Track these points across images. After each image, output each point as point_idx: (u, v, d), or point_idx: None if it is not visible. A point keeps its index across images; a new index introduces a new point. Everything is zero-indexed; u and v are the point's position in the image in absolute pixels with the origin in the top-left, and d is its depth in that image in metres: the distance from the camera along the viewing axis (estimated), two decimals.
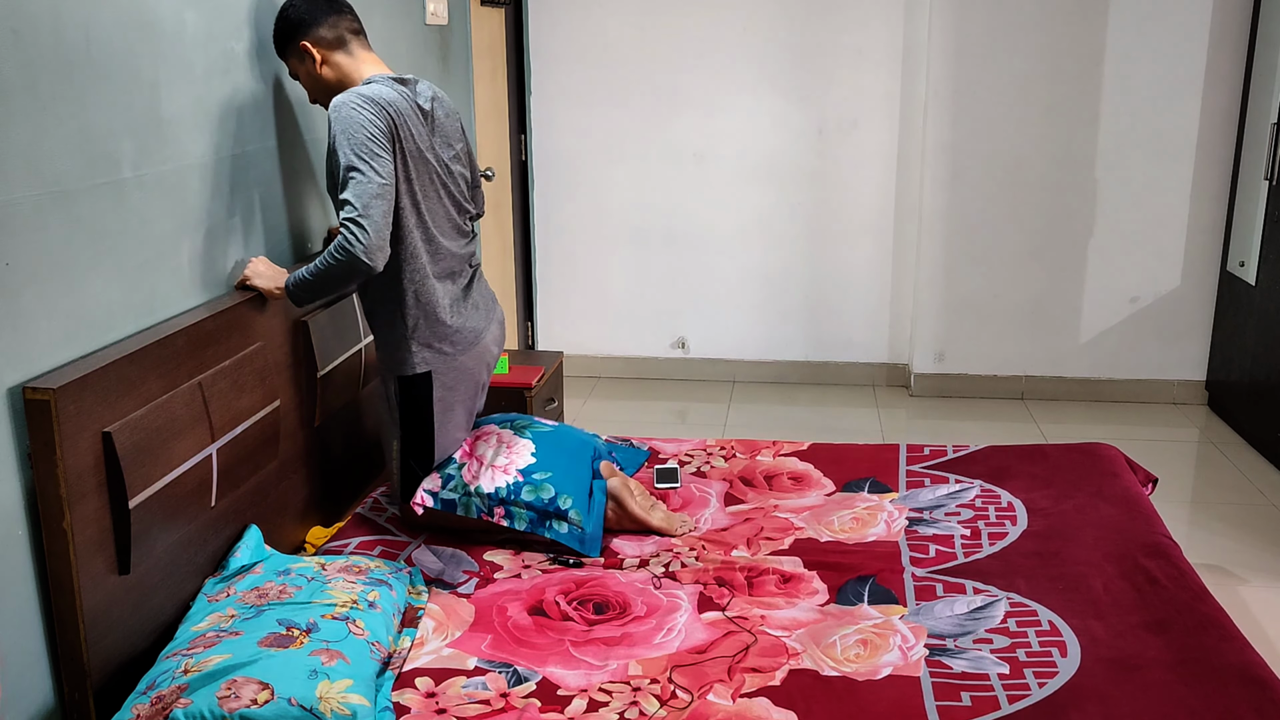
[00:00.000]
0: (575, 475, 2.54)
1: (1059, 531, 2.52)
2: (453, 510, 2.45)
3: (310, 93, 2.53)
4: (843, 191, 4.83)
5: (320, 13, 2.44)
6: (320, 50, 2.44)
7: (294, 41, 2.45)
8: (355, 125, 2.26)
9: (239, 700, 1.70)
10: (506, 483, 2.48)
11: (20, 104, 1.73)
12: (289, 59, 2.50)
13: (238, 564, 2.20)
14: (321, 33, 2.44)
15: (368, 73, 2.46)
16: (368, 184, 2.25)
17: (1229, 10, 4.35)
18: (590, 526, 2.45)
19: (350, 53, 2.47)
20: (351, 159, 2.25)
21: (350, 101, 2.29)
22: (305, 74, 2.49)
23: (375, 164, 2.26)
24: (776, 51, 4.71)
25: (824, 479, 2.89)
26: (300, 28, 2.43)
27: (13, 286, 1.73)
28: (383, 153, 2.28)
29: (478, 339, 2.60)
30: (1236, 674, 1.92)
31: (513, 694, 1.95)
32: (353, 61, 2.47)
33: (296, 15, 2.43)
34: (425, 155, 2.43)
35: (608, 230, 5.00)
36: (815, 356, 5.04)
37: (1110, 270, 4.66)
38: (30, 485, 1.77)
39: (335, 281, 2.30)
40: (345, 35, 2.46)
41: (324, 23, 2.43)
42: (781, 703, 1.90)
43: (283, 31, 2.46)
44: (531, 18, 4.80)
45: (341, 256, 2.24)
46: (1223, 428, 4.44)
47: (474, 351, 2.59)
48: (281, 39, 2.47)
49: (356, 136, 2.26)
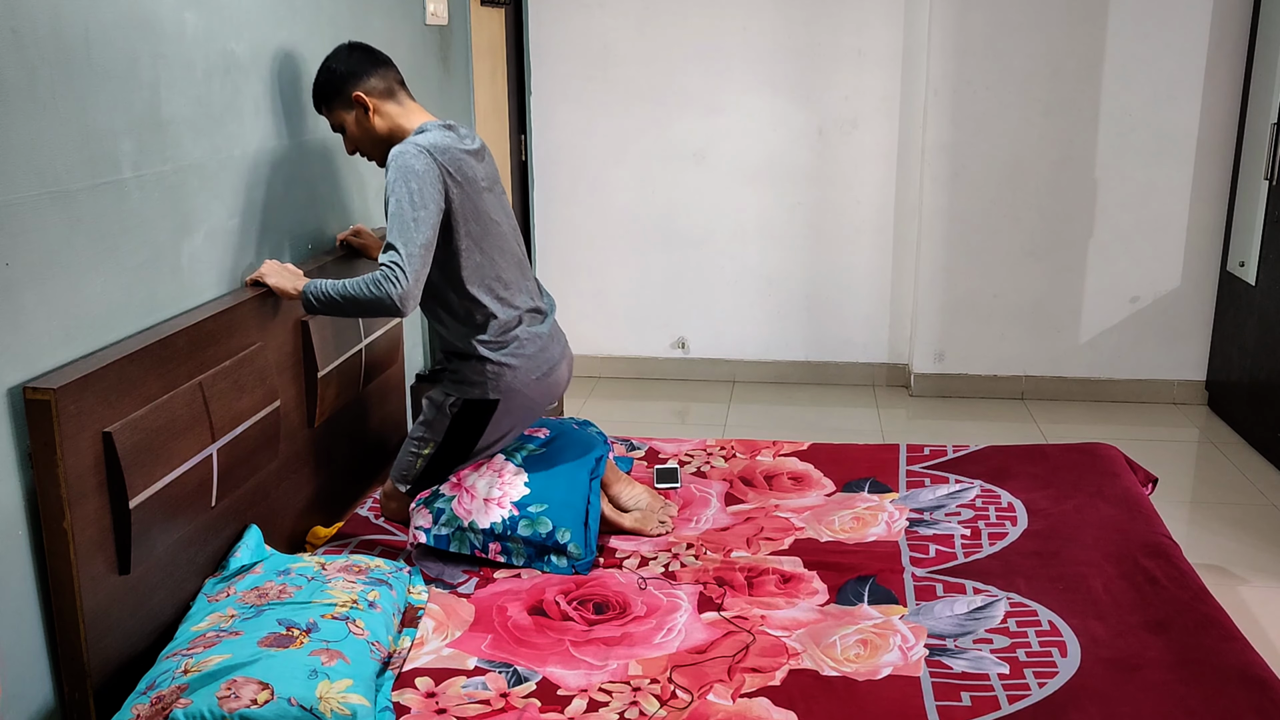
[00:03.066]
0: (571, 503, 2.48)
1: (1059, 531, 2.52)
2: (446, 546, 2.42)
3: (355, 143, 2.56)
4: (843, 191, 4.83)
5: (369, 64, 2.51)
6: (373, 100, 2.49)
7: (344, 93, 2.49)
8: (412, 174, 2.32)
9: (239, 700, 1.70)
10: (502, 517, 2.43)
11: (20, 104, 1.73)
12: (335, 111, 2.53)
13: (238, 564, 2.20)
14: (373, 83, 2.50)
15: (418, 121, 2.52)
16: (415, 234, 2.30)
17: (1229, 10, 4.35)
18: (588, 555, 2.43)
19: (400, 102, 2.53)
20: (404, 206, 2.30)
21: (409, 150, 2.35)
22: (354, 124, 2.52)
23: (425, 214, 2.32)
24: (776, 51, 4.71)
25: (824, 479, 2.89)
26: (351, 79, 2.49)
27: (13, 286, 1.73)
28: (432, 204, 2.33)
29: (552, 371, 2.61)
30: (1236, 674, 1.92)
31: (513, 694, 1.95)
32: (403, 111, 2.52)
33: (346, 68, 2.49)
34: (482, 191, 2.48)
35: (608, 230, 5.00)
36: (815, 356, 5.04)
37: (1110, 270, 4.66)
38: (30, 485, 1.77)
39: (360, 310, 2.33)
40: (394, 86, 2.53)
41: (374, 74, 2.50)
42: (781, 703, 1.90)
43: (331, 84, 2.51)
44: (531, 18, 4.80)
45: (376, 292, 2.28)
46: (1223, 428, 4.44)
47: (545, 384, 2.59)
48: (330, 91, 2.52)
49: (412, 185, 2.31)
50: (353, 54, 2.52)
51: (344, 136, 2.57)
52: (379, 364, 2.98)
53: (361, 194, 3.14)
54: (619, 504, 2.66)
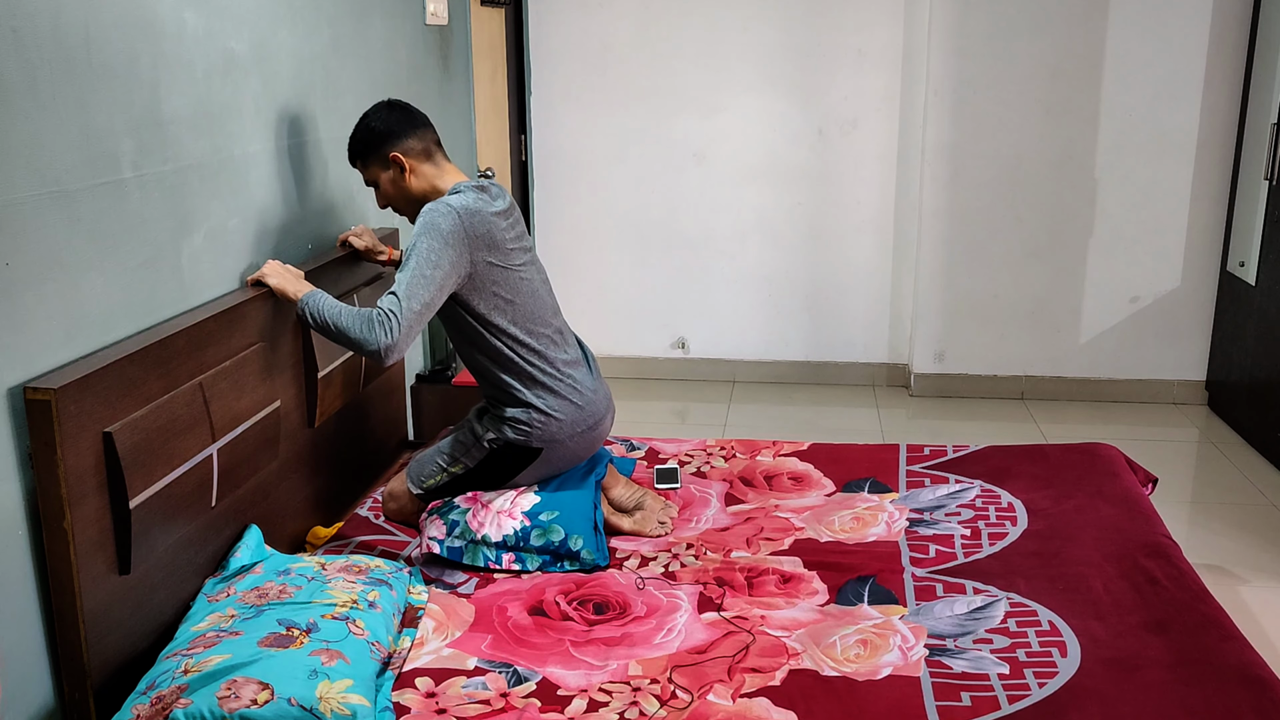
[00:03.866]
0: (580, 508, 2.48)
1: (1059, 532, 2.52)
2: (459, 558, 2.43)
3: (388, 200, 2.58)
4: (843, 191, 4.83)
5: (408, 125, 2.53)
6: (410, 160, 2.51)
7: (381, 151, 2.51)
8: (436, 232, 2.35)
9: (239, 700, 1.70)
10: (514, 528, 2.42)
11: (20, 104, 1.73)
12: (370, 167, 2.55)
13: (238, 564, 2.20)
14: (411, 143, 2.52)
15: (452, 181, 2.54)
16: (420, 290, 2.31)
17: (1229, 10, 4.35)
18: (601, 559, 2.43)
19: (437, 164, 2.56)
20: (421, 261, 2.32)
21: (439, 209, 2.38)
22: (389, 182, 2.54)
23: (436, 274, 2.33)
24: (776, 51, 4.71)
25: (824, 479, 2.89)
26: (390, 139, 2.51)
27: (13, 286, 1.73)
28: (447, 266, 2.35)
29: (596, 425, 2.61)
30: (1236, 674, 1.92)
31: (513, 694, 1.95)
32: (439, 172, 2.55)
33: (385, 126, 2.51)
34: (512, 250, 2.49)
35: (608, 230, 5.00)
36: (815, 356, 5.04)
37: (1110, 270, 4.66)
38: (31, 485, 1.77)
39: (344, 343, 2.33)
40: (431, 147, 2.56)
41: (413, 135, 2.52)
42: (781, 703, 1.90)
43: (369, 141, 2.52)
44: (531, 18, 4.80)
45: (365, 334, 2.28)
46: (1223, 428, 4.44)
47: (589, 438, 2.60)
48: (367, 148, 2.54)
49: (435, 243, 2.34)
50: (392, 113, 2.54)
51: (376, 192, 2.59)
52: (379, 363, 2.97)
53: (362, 193, 3.14)
54: (618, 505, 2.66)
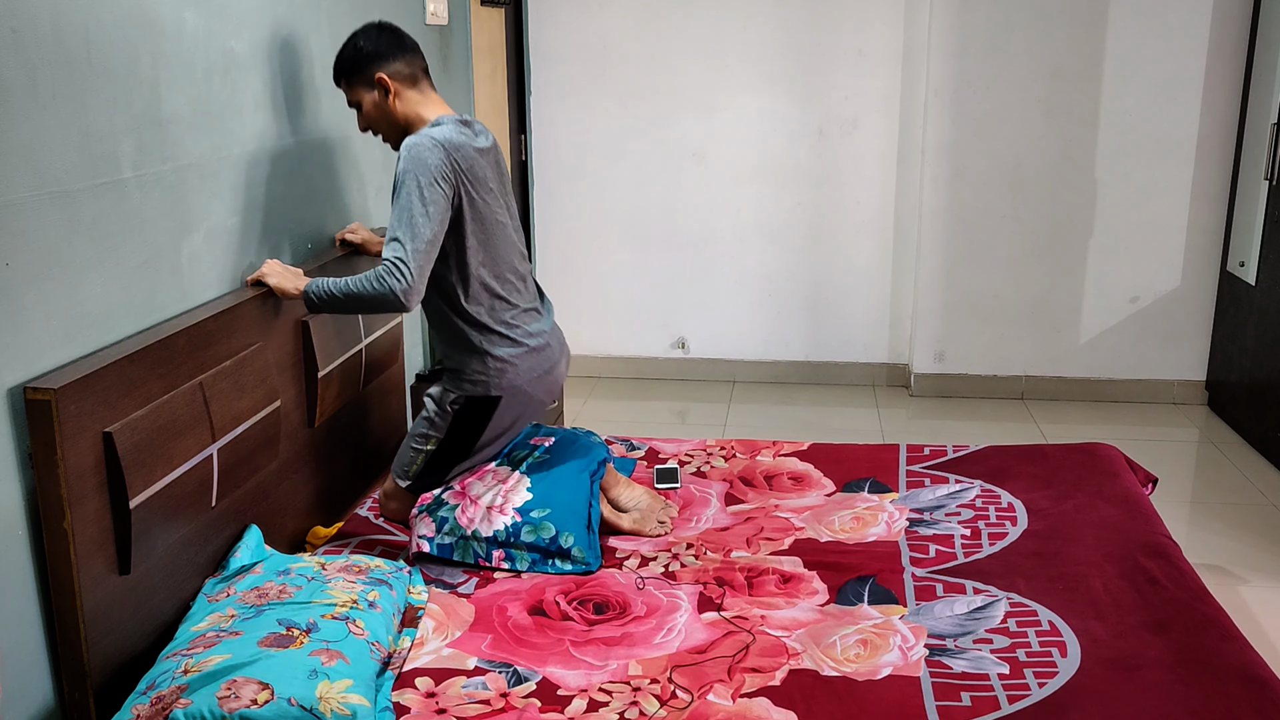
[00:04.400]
0: (574, 507, 2.47)
1: (1059, 532, 2.52)
2: (449, 555, 2.42)
3: (369, 122, 2.55)
4: (843, 191, 4.83)
5: (397, 48, 2.49)
6: (395, 84, 2.48)
7: (367, 71, 2.47)
8: (423, 167, 2.32)
9: (239, 700, 1.70)
10: (505, 524, 2.41)
11: (20, 104, 1.73)
12: (355, 88, 2.51)
13: (238, 564, 2.20)
14: (398, 66, 2.48)
15: (436, 112, 2.51)
16: (422, 229, 2.30)
17: (1229, 11, 4.35)
18: (594, 559, 2.43)
19: (422, 91, 2.52)
20: (413, 199, 2.30)
21: (424, 143, 2.35)
22: (372, 105, 2.51)
23: (434, 210, 2.31)
24: (776, 51, 4.71)
25: (824, 479, 2.89)
26: (377, 59, 2.47)
27: (13, 286, 1.73)
28: (442, 199, 2.33)
29: (552, 369, 2.62)
30: (1236, 674, 1.92)
31: (513, 694, 1.95)
32: (423, 100, 2.52)
33: (373, 47, 2.47)
34: (490, 192, 2.48)
35: (608, 230, 5.00)
36: (815, 356, 5.04)
37: (1110, 270, 4.66)
38: (31, 485, 1.77)
39: (363, 307, 2.33)
40: (418, 73, 2.52)
41: (401, 58, 2.49)
42: (781, 703, 1.90)
43: (356, 60, 2.49)
44: (531, 18, 4.80)
45: (379, 287, 2.28)
46: (1223, 428, 4.44)
47: (546, 380, 2.61)
48: (353, 67, 2.49)
49: (422, 179, 2.31)
50: (382, 34, 2.50)
51: (358, 113, 2.55)
52: (379, 364, 2.98)
53: (361, 192, 3.14)
54: (618, 505, 2.66)
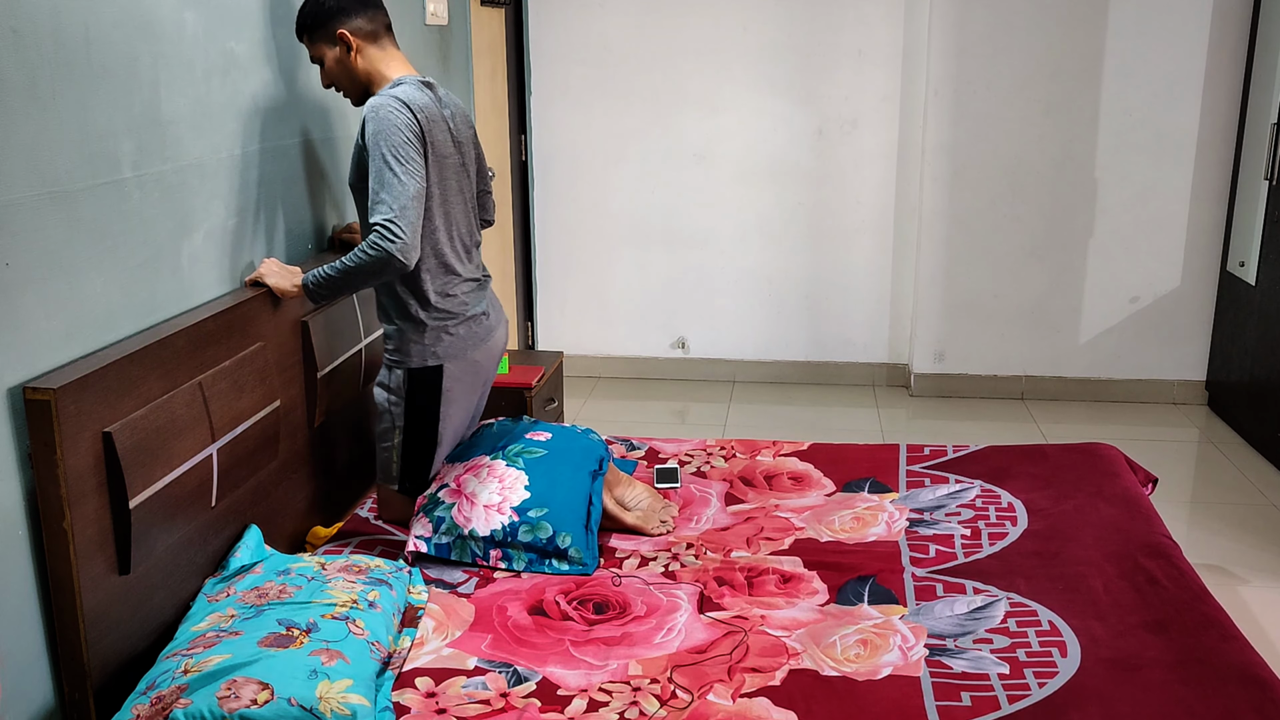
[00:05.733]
0: (572, 506, 2.46)
1: (1059, 531, 2.52)
2: (446, 555, 2.41)
3: (331, 79, 2.53)
4: (843, 191, 4.83)
5: (359, 4, 2.47)
6: (357, 40, 2.46)
7: (329, 27, 2.45)
8: (393, 128, 2.31)
9: (239, 700, 1.70)
10: (502, 523, 2.40)
11: (20, 104, 1.73)
12: (317, 43, 2.49)
13: (238, 564, 2.20)
14: (360, 23, 2.46)
15: (398, 71, 2.49)
16: (403, 187, 2.29)
17: (1229, 10, 4.35)
18: (591, 560, 2.42)
19: (383, 48, 2.51)
20: (389, 160, 2.29)
21: (388, 104, 2.34)
22: (334, 61, 2.49)
23: (411, 166, 2.31)
24: (776, 51, 4.71)
25: (824, 479, 2.89)
26: (339, 14, 2.45)
27: (13, 286, 1.73)
28: (417, 156, 2.33)
29: (490, 335, 2.64)
30: (1236, 674, 1.92)
31: (513, 694, 1.95)
32: (385, 57, 2.50)
33: (336, 3, 2.44)
34: (448, 159, 2.48)
35: (608, 230, 5.00)
36: (815, 356, 5.04)
37: (1110, 270, 4.66)
38: (30, 485, 1.77)
39: (364, 278, 2.32)
40: (381, 30, 2.50)
41: (363, 14, 2.47)
42: (781, 703, 1.90)
43: (318, 15, 2.46)
44: (531, 18, 4.80)
45: (375, 253, 2.28)
46: (1223, 428, 4.44)
47: (485, 347, 2.62)
48: (315, 22, 2.47)
49: (394, 139, 2.30)
50: None
51: (321, 70, 2.53)
52: (379, 364, 2.97)
53: None
54: (621, 504, 2.66)
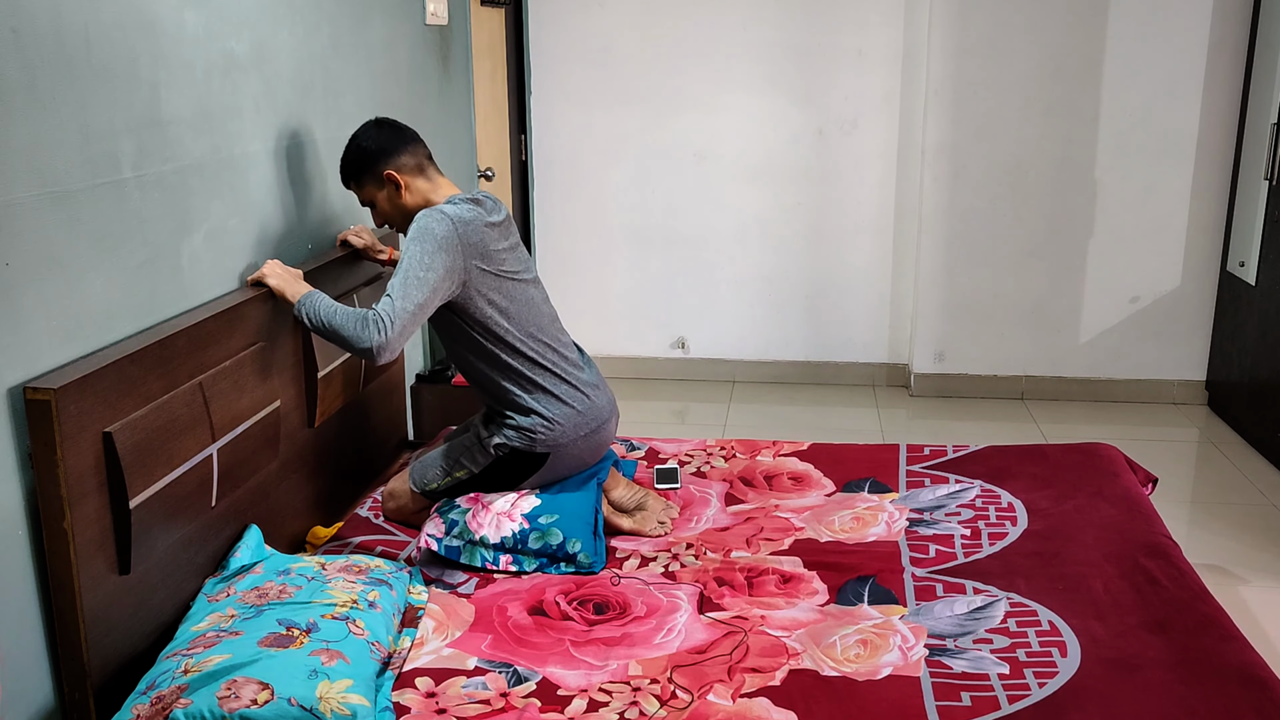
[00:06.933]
0: (581, 513, 2.48)
1: (1059, 532, 2.52)
2: (456, 558, 2.43)
3: (385, 217, 2.59)
4: (843, 191, 4.83)
5: (399, 142, 2.54)
6: (404, 177, 2.52)
7: (375, 170, 2.52)
8: (429, 236, 2.36)
9: (239, 700, 1.70)
10: (513, 530, 2.42)
11: (20, 104, 1.73)
12: (365, 187, 2.56)
13: (238, 564, 2.20)
14: (404, 159, 2.53)
15: (446, 194, 2.55)
16: (414, 292, 2.32)
17: (1229, 11, 4.35)
18: (599, 563, 2.43)
19: (430, 178, 2.56)
20: (414, 263, 2.33)
21: (432, 215, 2.40)
22: (385, 200, 2.55)
23: (430, 276, 2.33)
24: (776, 51, 4.71)
25: (824, 479, 2.89)
26: (383, 156, 2.51)
27: (13, 286, 1.73)
28: (441, 269, 2.35)
29: (601, 428, 2.61)
30: (1236, 674, 1.92)
31: (513, 694, 1.95)
32: (433, 187, 2.55)
33: (377, 145, 2.52)
34: (507, 261, 2.50)
35: (608, 230, 5.00)
36: (815, 356, 5.04)
37: (1110, 270, 4.66)
38: (30, 485, 1.77)
39: (339, 343, 2.34)
40: (424, 162, 2.56)
41: (405, 150, 2.53)
42: (781, 703, 1.90)
43: (362, 161, 2.53)
44: (531, 18, 4.80)
45: (359, 333, 2.29)
46: (1223, 428, 4.44)
47: (594, 440, 2.60)
48: (361, 168, 2.54)
49: (427, 245, 2.34)
50: (381, 131, 2.54)
51: (373, 211, 2.60)
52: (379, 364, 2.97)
53: None
54: (619, 506, 2.66)
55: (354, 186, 2.60)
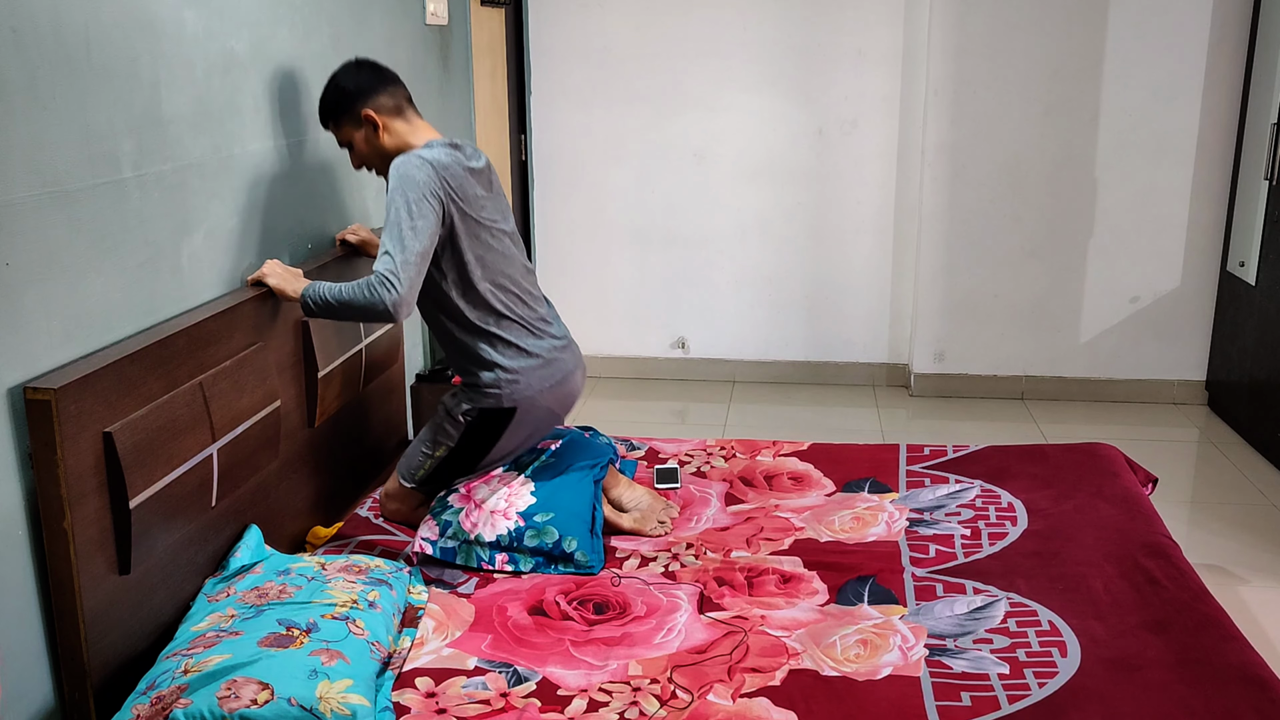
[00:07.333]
0: (578, 511, 2.47)
1: (1059, 531, 2.52)
2: (452, 559, 2.42)
3: (362, 159, 2.57)
4: (843, 191, 4.83)
5: (378, 82, 2.52)
6: (382, 118, 2.50)
7: (353, 109, 2.50)
8: (412, 184, 2.34)
9: (239, 700, 1.70)
10: (508, 529, 2.42)
11: (20, 104, 1.73)
12: (343, 127, 2.54)
13: (238, 564, 2.20)
14: (382, 100, 2.51)
15: (425, 138, 2.53)
16: (412, 242, 2.31)
17: (1229, 11, 4.35)
18: (597, 563, 2.42)
19: (408, 120, 2.54)
20: (401, 214, 2.31)
21: (411, 161, 2.37)
22: (363, 141, 2.53)
23: (422, 223, 2.32)
24: (776, 51, 4.71)
25: (824, 479, 2.89)
26: (361, 96, 2.49)
27: (13, 286, 1.73)
28: (430, 214, 2.34)
29: (566, 380, 2.61)
30: (1236, 674, 1.92)
31: (513, 694, 1.95)
32: (411, 129, 2.53)
33: (355, 84, 2.50)
34: (481, 212, 2.48)
35: (608, 230, 5.00)
36: (815, 356, 5.04)
37: (1110, 270, 4.66)
38: (31, 485, 1.77)
39: (355, 315, 2.34)
40: (402, 104, 2.55)
41: (384, 91, 2.51)
42: (781, 703, 1.90)
43: (339, 101, 2.51)
44: (531, 18, 4.80)
45: (370, 297, 2.29)
46: (1223, 428, 4.43)
47: (559, 393, 2.60)
48: (338, 107, 2.52)
49: (410, 194, 2.33)
50: (361, 71, 2.53)
51: (351, 152, 2.58)
52: (379, 364, 2.98)
53: (360, 193, 3.14)
54: (619, 506, 2.66)
55: (331, 127, 2.57)
